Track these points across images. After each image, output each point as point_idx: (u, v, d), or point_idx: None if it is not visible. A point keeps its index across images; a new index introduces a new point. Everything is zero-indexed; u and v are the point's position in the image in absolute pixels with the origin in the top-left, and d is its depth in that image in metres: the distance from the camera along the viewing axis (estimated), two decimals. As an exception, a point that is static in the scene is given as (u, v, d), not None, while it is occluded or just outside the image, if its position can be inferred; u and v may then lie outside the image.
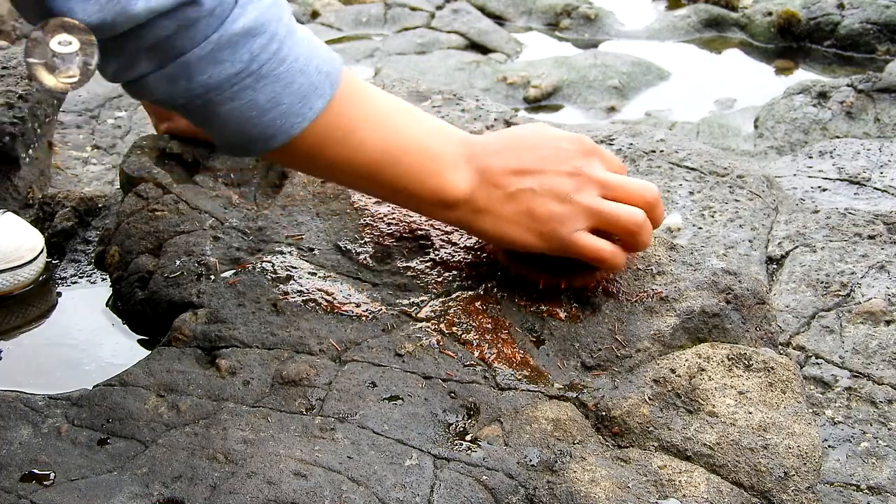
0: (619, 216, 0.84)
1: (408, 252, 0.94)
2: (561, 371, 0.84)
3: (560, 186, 0.83)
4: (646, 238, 0.87)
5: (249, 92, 0.73)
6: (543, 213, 0.83)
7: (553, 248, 0.85)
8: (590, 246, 0.84)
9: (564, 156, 0.85)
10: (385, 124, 0.82)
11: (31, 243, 1.06)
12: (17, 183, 1.22)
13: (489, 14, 3.34)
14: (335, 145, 0.79)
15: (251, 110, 0.74)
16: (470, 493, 0.69)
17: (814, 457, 0.74)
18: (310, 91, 0.76)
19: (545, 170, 0.84)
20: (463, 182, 0.83)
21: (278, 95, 0.74)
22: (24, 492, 0.67)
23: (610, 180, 0.85)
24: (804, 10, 3.12)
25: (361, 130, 0.80)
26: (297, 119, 0.76)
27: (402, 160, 0.82)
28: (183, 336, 0.84)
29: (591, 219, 0.84)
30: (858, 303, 1.23)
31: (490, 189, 0.84)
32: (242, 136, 0.77)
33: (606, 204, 0.84)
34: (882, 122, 2.14)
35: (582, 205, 0.84)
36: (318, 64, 0.77)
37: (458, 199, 0.84)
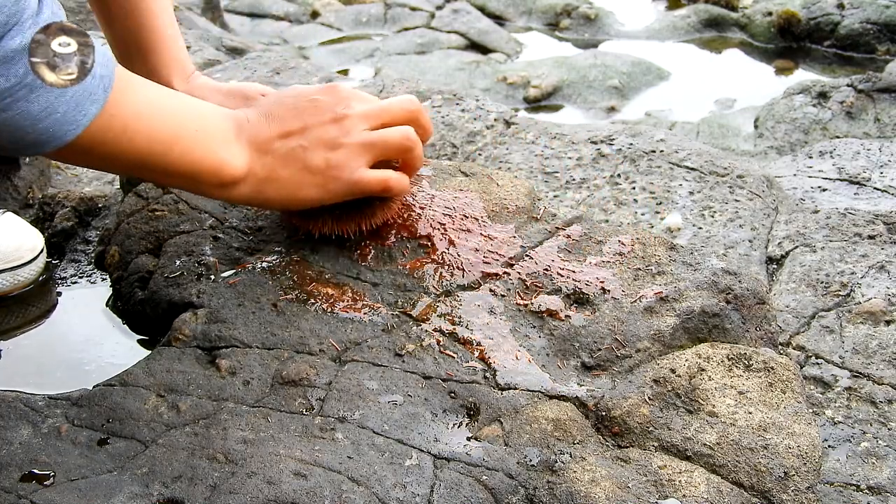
0: (389, 139, 0.88)
1: (408, 252, 0.94)
2: (561, 371, 0.84)
3: (327, 135, 0.87)
4: (420, 152, 0.92)
5: (23, 104, 0.73)
6: (320, 164, 0.86)
7: (340, 194, 0.88)
8: (373, 179, 0.88)
9: (323, 106, 0.88)
10: (155, 115, 0.82)
11: (31, 243, 1.06)
12: (17, 183, 1.22)
13: (489, 14, 3.34)
14: (108, 143, 0.79)
15: (24, 120, 0.73)
16: (470, 493, 0.69)
17: (814, 457, 0.74)
18: (84, 98, 0.76)
19: (309, 124, 0.87)
20: (239, 158, 0.85)
21: (52, 105, 0.74)
22: (24, 492, 0.67)
23: (370, 110, 0.89)
24: (804, 10, 3.12)
25: (133, 125, 0.80)
26: (70, 126, 0.76)
27: (178, 147, 0.83)
28: (183, 336, 0.84)
29: (365, 153, 0.87)
30: (858, 303, 1.23)
31: (264, 158, 0.86)
32: (15, 143, 0.76)
33: (374, 134, 0.88)
34: (882, 122, 2.14)
35: (352, 144, 0.87)
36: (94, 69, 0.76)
37: (238, 175, 0.85)
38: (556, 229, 0.99)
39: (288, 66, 1.95)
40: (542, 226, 1.00)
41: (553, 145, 1.62)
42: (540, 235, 0.98)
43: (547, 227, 0.99)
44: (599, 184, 1.51)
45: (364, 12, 3.28)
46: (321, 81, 1.84)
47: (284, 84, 1.87)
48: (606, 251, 0.95)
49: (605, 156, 1.58)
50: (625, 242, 0.96)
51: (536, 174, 1.55)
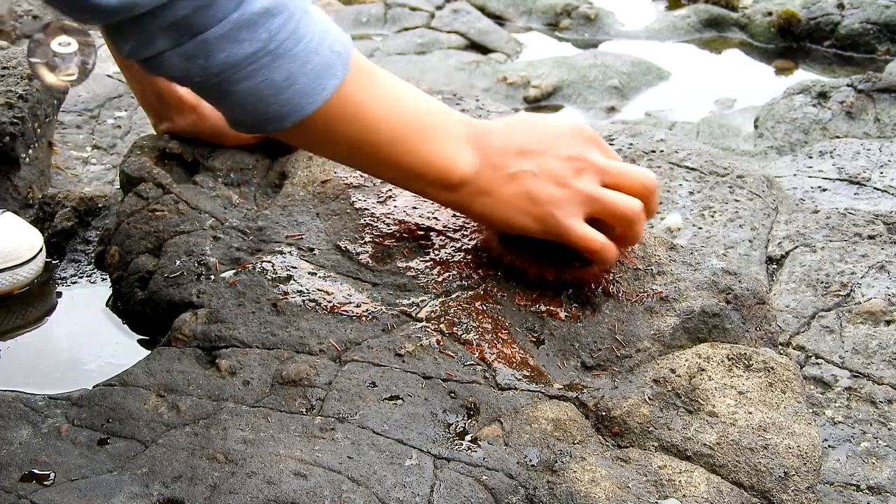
0: (615, 204, 0.85)
1: (408, 252, 0.94)
2: (561, 371, 0.84)
3: (560, 170, 0.84)
4: (640, 229, 0.88)
5: (266, 71, 0.74)
6: (542, 196, 0.84)
7: (547, 232, 0.86)
8: (582, 234, 0.85)
9: (565, 141, 0.86)
10: (393, 104, 0.83)
11: (31, 243, 1.06)
12: (17, 183, 1.21)
13: (489, 14, 3.34)
14: (345, 124, 0.80)
15: (267, 89, 0.75)
16: (470, 493, 0.69)
17: (814, 457, 0.74)
18: (323, 70, 0.76)
19: (546, 153, 0.85)
20: (467, 161, 0.84)
21: (294, 74, 0.75)
22: (24, 492, 0.67)
23: (609, 167, 0.86)
24: (804, 10, 3.12)
25: (371, 109, 0.81)
26: (310, 98, 0.76)
27: (410, 139, 0.83)
28: (183, 336, 0.84)
29: (589, 205, 0.85)
30: (858, 303, 1.23)
31: (491, 170, 0.85)
32: (257, 115, 0.77)
33: (604, 191, 0.85)
34: (882, 122, 2.14)
35: (580, 190, 0.84)
36: (331, 43, 0.77)
37: (462, 179, 0.84)
38: (556, 229, 0.99)
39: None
40: (542, 226, 0.99)
41: (553, 145, 1.61)
42: (540, 235, 0.98)
43: (547, 227, 0.99)
44: (599, 184, 1.51)
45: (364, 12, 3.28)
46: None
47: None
48: (606, 251, 0.95)
49: (605, 156, 1.57)
50: (625, 242, 0.96)
51: (536, 174, 1.54)
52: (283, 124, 0.78)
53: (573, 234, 0.85)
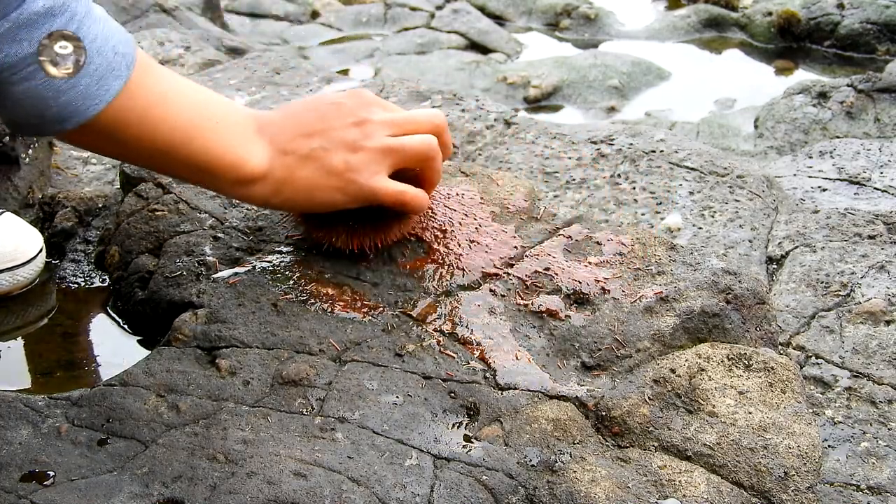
0: (412, 146, 0.87)
1: (408, 252, 0.94)
2: (561, 371, 0.84)
3: (349, 136, 0.86)
4: (440, 164, 0.90)
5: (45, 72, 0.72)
6: (339, 165, 0.85)
7: (356, 198, 0.86)
8: (391, 190, 0.86)
9: (346, 110, 0.87)
10: (178, 103, 0.82)
11: (31, 243, 1.06)
12: (17, 183, 1.21)
13: (489, 14, 3.34)
14: (131, 126, 0.79)
15: (47, 91, 0.73)
16: (470, 493, 0.69)
17: (814, 457, 0.74)
18: (107, 72, 0.75)
19: (331, 126, 0.86)
20: (259, 155, 0.84)
21: (75, 77, 0.73)
22: (24, 492, 0.67)
23: (395, 118, 0.88)
24: (804, 10, 3.12)
25: (156, 110, 0.80)
26: (93, 101, 0.75)
27: (199, 137, 0.82)
28: (183, 336, 0.84)
29: (386, 157, 0.86)
30: (858, 303, 1.23)
31: (283, 157, 0.85)
32: (36, 117, 0.75)
33: (396, 140, 0.87)
34: (882, 122, 2.14)
35: (374, 147, 0.86)
36: (115, 44, 0.76)
37: (258, 173, 0.84)
38: (556, 229, 0.99)
39: (288, 66, 1.95)
40: (542, 226, 1.00)
41: (553, 145, 1.62)
42: (540, 235, 0.98)
43: (547, 227, 0.99)
44: (599, 184, 1.51)
45: (364, 12, 3.28)
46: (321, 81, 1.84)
47: (285, 84, 1.87)
48: (606, 251, 0.95)
49: (605, 156, 1.58)
50: (625, 242, 0.96)
51: (536, 174, 1.55)
52: (64, 126, 0.76)
53: (381, 192, 0.86)
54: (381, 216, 0.90)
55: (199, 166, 0.83)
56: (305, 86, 1.80)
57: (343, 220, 0.90)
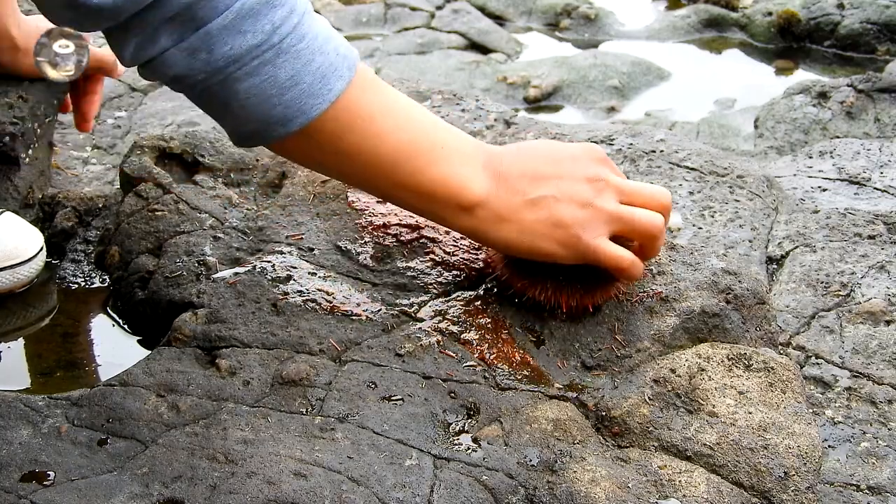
0: (640, 220, 0.84)
1: (408, 252, 0.94)
2: (561, 371, 0.84)
3: (580, 192, 0.82)
4: (661, 243, 0.87)
5: (270, 67, 0.72)
6: (566, 219, 0.81)
7: (575, 256, 0.83)
8: (612, 253, 0.83)
9: (580, 163, 0.84)
10: (403, 117, 0.80)
11: (31, 241, 1.06)
12: (17, 183, 1.21)
13: (489, 14, 3.33)
14: (353, 133, 0.78)
15: (271, 88, 0.73)
16: (470, 493, 0.69)
17: (814, 457, 0.74)
18: (329, 71, 0.75)
19: (563, 176, 0.83)
20: (481, 184, 0.81)
21: (298, 73, 0.73)
22: (24, 492, 0.67)
23: (626, 186, 0.85)
24: (804, 10, 3.12)
25: (380, 120, 0.78)
26: (316, 100, 0.74)
27: (422, 155, 0.80)
28: (183, 336, 0.84)
29: (613, 223, 0.83)
30: (858, 303, 1.23)
31: (509, 195, 0.82)
32: (261, 118, 0.75)
33: (628, 209, 0.84)
34: (882, 122, 2.14)
35: (603, 210, 0.82)
36: (336, 46, 0.76)
37: (477, 202, 0.81)
38: (556, 229, 0.99)
39: (288, 66, 1.95)
40: (542, 226, 0.99)
41: (553, 145, 1.61)
42: (540, 235, 0.98)
43: (547, 227, 0.99)
44: (599, 184, 1.51)
45: (364, 12, 3.28)
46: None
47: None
48: (606, 251, 0.95)
49: (605, 156, 1.57)
50: (625, 242, 0.96)
51: (536, 174, 1.54)
52: (289, 128, 0.75)
53: (602, 254, 0.82)
54: (587, 277, 0.86)
55: (420, 187, 0.81)
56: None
57: (549, 274, 0.86)
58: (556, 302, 0.86)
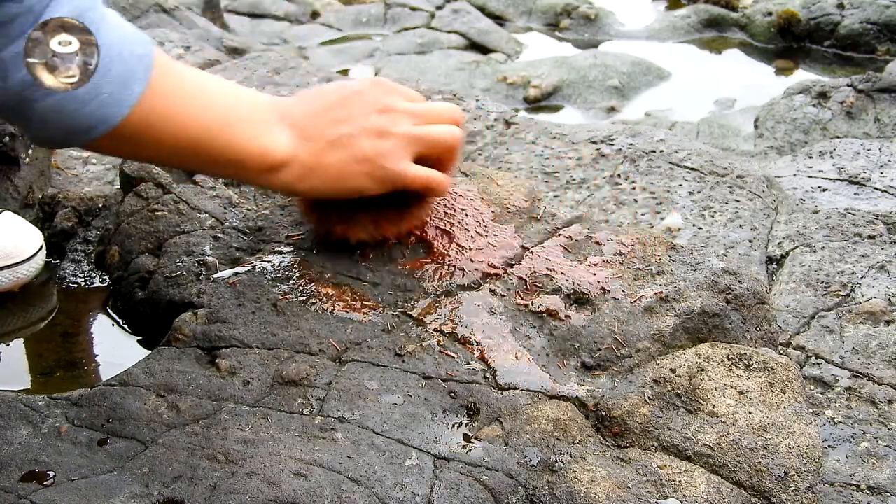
0: (438, 135, 0.89)
1: (408, 252, 0.94)
2: (561, 371, 0.84)
3: (376, 123, 0.86)
4: (458, 154, 0.92)
5: None
6: (368, 152, 0.85)
7: (385, 183, 0.87)
8: (421, 175, 0.88)
9: (369, 97, 0.88)
10: (200, 98, 0.82)
11: (31, 241, 1.06)
12: (17, 183, 1.21)
13: (489, 14, 3.33)
14: (157, 127, 0.78)
15: (70, 104, 0.72)
16: (470, 493, 0.69)
17: (814, 457, 0.74)
18: (127, 78, 0.74)
19: (356, 113, 0.86)
20: (284, 141, 0.84)
21: (97, 86, 0.72)
22: (24, 492, 0.67)
23: (418, 109, 0.89)
24: (804, 10, 3.12)
25: (180, 108, 0.80)
26: (117, 108, 0.74)
27: (224, 130, 0.82)
28: (183, 336, 0.84)
29: (414, 144, 0.87)
30: (858, 303, 1.23)
31: (309, 143, 0.85)
32: (62, 130, 0.74)
33: (423, 128, 0.88)
34: (882, 122, 2.14)
35: (402, 134, 0.87)
36: (132, 48, 0.75)
37: (284, 159, 0.84)
38: (556, 229, 0.99)
39: (288, 66, 1.95)
40: (542, 226, 0.99)
41: (553, 145, 1.62)
42: (540, 235, 0.98)
43: (547, 227, 0.99)
44: (599, 184, 1.51)
45: (364, 12, 3.28)
46: (321, 82, 1.84)
47: (285, 84, 1.87)
48: (606, 251, 0.95)
49: (605, 156, 1.58)
50: (625, 242, 0.96)
51: (536, 174, 1.55)
52: (92, 136, 0.75)
53: (411, 177, 0.87)
54: (396, 204, 0.90)
55: (228, 159, 0.83)
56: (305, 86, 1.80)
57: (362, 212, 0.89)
58: (379, 235, 0.91)
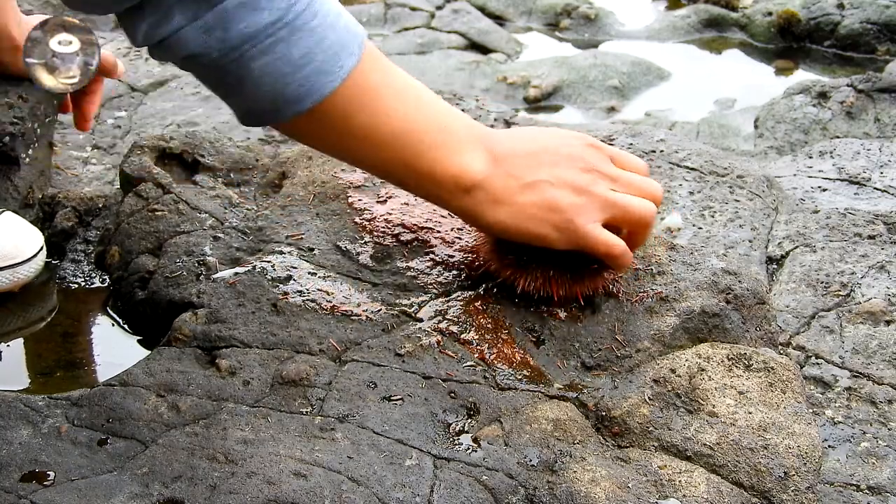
0: (634, 207, 0.85)
1: (408, 252, 0.94)
2: (561, 371, 0.84)
3: (576, 179, 0.83)
4: (650, 232, 0.88)
5: (284, 45, 0.72)
6: (561, 204, 0.82)
7: (568, 241, 0.84)
8: (605, 240, 0.84)
9: (577, 151, 0.85)
10: (409, 95, 0.81)
11: (31, 241, 1.06)
12: (17, 183, 1.21)
13: (489, 14, 3.33)
14: (362, 111, 0.78)
15: (285, 66, 0.72)
16: (470, 493, 0.69)
17: (814, 457, 0.74)
18: (340, 48, 0.75)
19: (559, 162, 0.84)
20: (480, 164, 0.82)
21: (311, 51, 0.73)
22: (24, 492, 0.67)
23: (620, 175, 0.86)
24: (804, 10, 3.12)
25: (387, 99, 0.79)
26: (328, 77, 0.74)
27: (426, 136, 0.81)
28: (183, 336, 0.84)
29: (607, 210, 0.84)
30: (858, 303, 1.23)
31: (506, 177, 0.83)
32: (274, 97, 0.75)
33: (621, 196, 0.85)
34: (882, 122, 2.13)
35: (598, 196, 0.84)
36: (346, 23, 0.76)
37: (476, 182, 0.82)
38: (556, 229, 0.99)
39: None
40: (542, 226, 0.99)
41: (553, 145, 1.61)
42: (540, 235, 0.98)
43: (547, 227, 0.99)
44: (599, 184, 1.51)
45: (364, 12, 3.28)
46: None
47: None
48: (606, 251, 0.95)
49: (605, 156, 1.57)
50: (625, 242, 0.96)
51: (536, 174, 1.54)
52: (301, 107, 0.75)
53: (594, 240, 0.83)
54: (576, 266, 0.86)
55: (422, 168, 0.81)
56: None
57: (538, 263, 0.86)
58: (545, 291, 0.87)
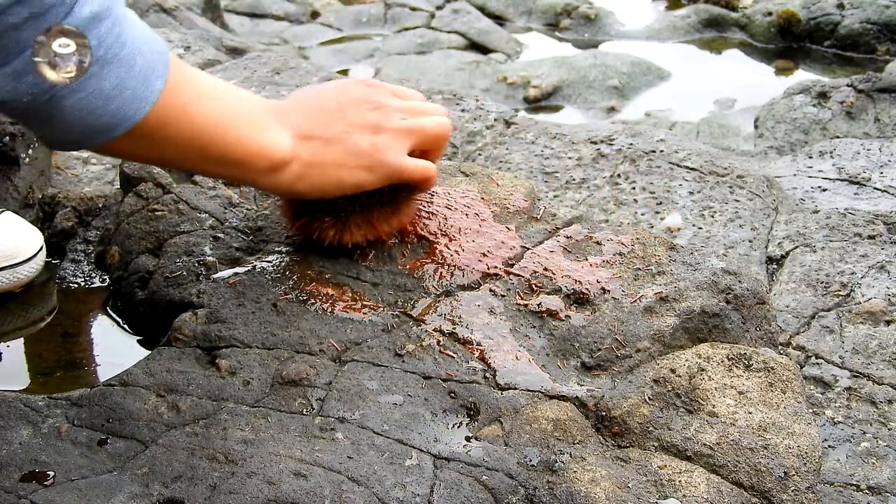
0: (429, 128, 0.91)
1: (408, 252, 0.94)
2: (561, 371, 0.84)
3: (368, 118, 0.88)
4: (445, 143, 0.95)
5: (95, 80, 0.71)
6: (365, 147, 0.87)
7: (383, 177, 0.88)
8: (417, 167, 0.90)
9: (359, 96, 0.90)
10: (211, 97, 0.82)
11: (31, 241, 1.06)
12: (17, 183, 1.21)
13: (489, 14, 3.33)
14: (172, 125, 0.79)
15: (97, 100, 0.72)
16: (470, 493, 0.69)
17: (814, 457, 0.74)
18: (150, 72, 0.75)
19: (347, 110, 0.88)
20: (283, 140, 0.85)
21: (122, 81, 0.72)
22: (24, 492, 0.67)
23: (405, 106, 0.92)
24: (804, 10, 3.12)
25: (194, 106, 0.80)
26: (140, 104, 0.74)
27: (231, 130, 0.83)
28: (183, 336, 0.84)
29: (408, 137, 0.90)
30: (858, 303, 1.23)
31: (307, 142, 0.86)
32: (86, 129, 0.73)
33: (416, 120, 0.91)
34: (882, 122, 2.13)
35: (394, 128, 0.89)
36: (151, 45, 0.76)
37: (285, 157, 0.85)
38: (556, 229, 0.99)
39: (288, 66, 1.95)
40: (542, 226, 1.00)
41: (553, 145, 1.62)
42: (540, 235, 0.98)
43: (547, 227, 0.99)
44: (599, 184, 1.51)
45: (364, 12, 3.28)
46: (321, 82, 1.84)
47: (285, 84, 1.87)
48: (606, 251, 0.95)
49: (605, 156, 1.58)
50: (625, 242, 0.96)
51: (536, 174, 1.55)
52: (112, 135, 0.74)
53: (409, 170, 0.89)
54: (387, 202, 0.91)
55: (234, 159, 0.84)
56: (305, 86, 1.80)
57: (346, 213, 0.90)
58: (371, 236, 0.92)
